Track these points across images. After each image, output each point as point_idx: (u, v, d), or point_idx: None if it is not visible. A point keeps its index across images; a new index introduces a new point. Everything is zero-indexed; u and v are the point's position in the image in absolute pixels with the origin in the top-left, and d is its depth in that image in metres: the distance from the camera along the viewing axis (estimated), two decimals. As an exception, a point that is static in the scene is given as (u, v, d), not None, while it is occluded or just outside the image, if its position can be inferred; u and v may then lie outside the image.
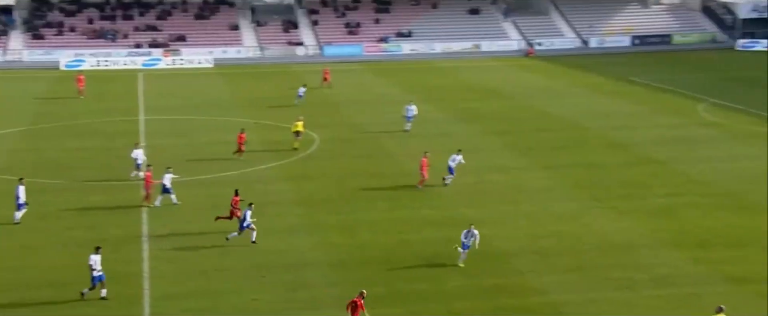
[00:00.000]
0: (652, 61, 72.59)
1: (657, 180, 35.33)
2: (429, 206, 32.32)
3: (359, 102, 55.35)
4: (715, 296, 23.61)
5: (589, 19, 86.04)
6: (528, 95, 56.81)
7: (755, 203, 31.90)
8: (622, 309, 23.05)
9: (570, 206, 31.95)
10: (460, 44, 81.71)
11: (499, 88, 60.39)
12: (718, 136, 43.41)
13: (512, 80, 63.97)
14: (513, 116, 49.76)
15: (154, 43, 78.80)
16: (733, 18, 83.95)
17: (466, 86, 61.48)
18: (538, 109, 51.81)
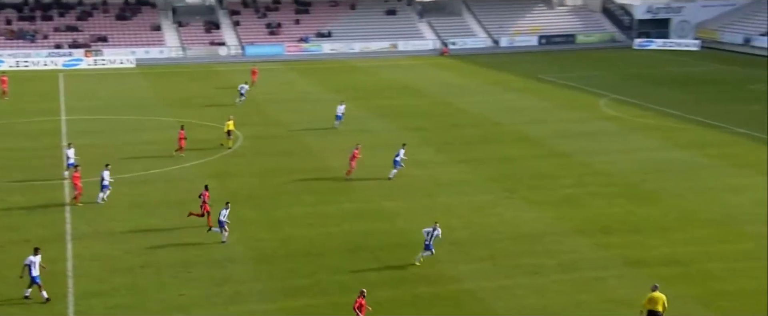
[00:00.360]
0: (557, 60, 74.25)
1: (563, 171, 36.14)
2: (350, 200, 32.31)
3: (281, 100, 54.89)
4: (616, 279, 24.36)
5: (499, 20, 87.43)
6: (443, 93, 57.36)
7: (650, 192, 33.00)
8: (533, 294, 23.53)
9: (484, 198, 32.41)
10: (377, 44, 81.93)
11: (416, 86, 60.81)
12: (617, 130, 44.69)
13: (428, 78, 64.51)
14: (429, 113, 50.17)
15: (75, 43, 76.35)
16: (630, 19, 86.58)
17: (384, 84, 61.68)
18: (453, 106, 52.37)
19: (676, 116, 47.75)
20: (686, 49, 79.71)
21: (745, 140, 41.58)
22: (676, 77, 63.09)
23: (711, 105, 50.96)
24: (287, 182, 34.89)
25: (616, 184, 34.04)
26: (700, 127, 44.76)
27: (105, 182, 31.64)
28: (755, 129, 43.72)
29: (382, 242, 27.75)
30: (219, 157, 39.35)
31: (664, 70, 66.60)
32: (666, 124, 45.76)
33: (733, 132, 43.47)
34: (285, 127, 46.19)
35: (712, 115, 47.51)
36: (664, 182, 34.12)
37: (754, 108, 49.88)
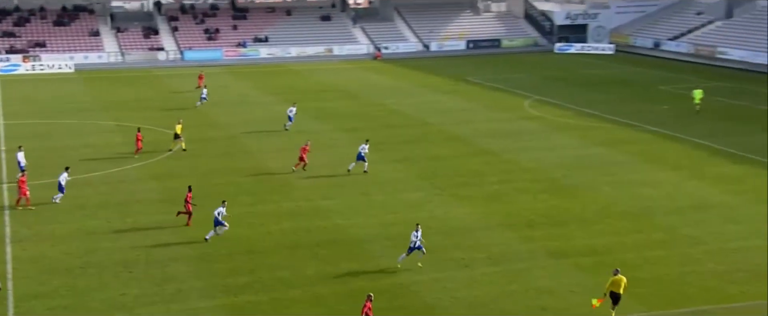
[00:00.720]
0: (484, 63, 75.20)
1: (490, 168, 36.62)
2: (288, 199, 32.10)
3: (220, 103, 54.17)
4: (540, 270, 24.81)
5: (429, 25, 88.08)
6: (376, 95, 57.50)
7: (571, 186, 33.71)
8: (464, 286, 23.78)
9: (417, 195, 32.60)
10: (313, 48, 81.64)
11: (350, 88, 60.81)
12: (540, 129, 45.51)
13: (362, 81, 64.58)
14: (363, 114, 50.22)
15: (12, 49, 73.82)
16: (550, 24, 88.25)
17: (320, 87, 61.49)
18: (386, 108, 52.54)
19: (594, 116, 48.90)
20: (602, 52, 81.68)
21: (656, 138, 42.86)
22: (593, 79, 64.64)
23: (625, 105, 52.35)
24: (226, 183, 34.46)
25: (540, 180, 34.66)
26: (615, 125, 45.93)
27: (62, 183, 31.09)
28: (665, 127, 45.11)
29: (320, 238, 27.66)
30: (159, 159, 38.61)
31: (582, 73, 68.16)
32: (584, 123, 46.82)
33: (646, 130, 44.76)
34: (224, 129, 45.60)
35: (626, 114, 48.80)
36: (584, 178, 34.90)
37: (664, 108, 51.45)
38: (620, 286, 21.37)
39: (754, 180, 34.24)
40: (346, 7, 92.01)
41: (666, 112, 49.68)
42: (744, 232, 27.81)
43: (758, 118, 47.77)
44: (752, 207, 30.55)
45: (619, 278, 21.46)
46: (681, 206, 30.73)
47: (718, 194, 32.23)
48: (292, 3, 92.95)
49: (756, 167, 36.35)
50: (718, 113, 49.13)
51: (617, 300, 21.45)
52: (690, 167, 36.53)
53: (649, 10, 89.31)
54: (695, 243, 26.83)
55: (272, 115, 50.15)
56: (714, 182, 34.02)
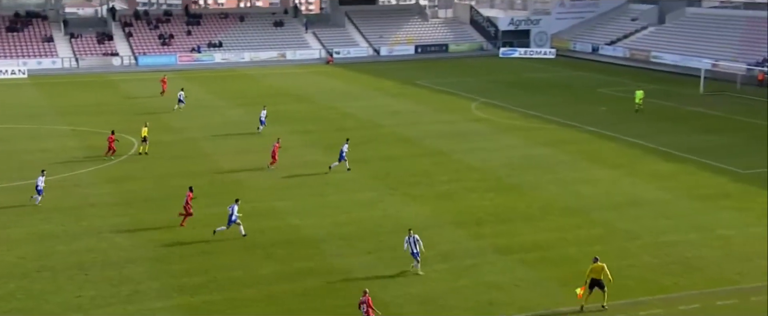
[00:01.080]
0: (432, 67, 75.59)
1: (440, 169, 36.78)
2: (242, 201, 31.68)
3: (172, 107, 53.36)
4: (489, 265, 25.00)
5: (378, 31, 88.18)
6: (329, 98, 57.31)
7: (516, 185, 34.06)
8: (415, 282, 23.81)
9: (369, 195, 32.56)
10: (266, 53, 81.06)
11: (303, 92, 60.51)
12: (487, 130, 45.91)
13: (315, 85, 64.33)
14: (316, 117, 50.01)
15: (-35, 54, 71.68)
16: (495, 30, 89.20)
17: (274, 91, 61.04)
18: (339, 111, 52.41)
19: (537, 117, 49.54)
20: (544, 57, 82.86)
21: (594, 138, 43.60)
22: (536, 82, 65.51)
23: (566, 107, 53.16)
24: (182, 185, 33.87)
25: (487, 179, 34.94)
26: (557, 126, 46.59)
27: (39, 186, 30.48)
28: (603, 128, 45.93)
29: (275, 238, 27.43)
30: (115, 163, 37.83)
31: (526, 76, 69.03)
32: (528, 124, 47.40)
33: (585, 130, 45.51)
34: (179, 133, 44.90)
35: (567, 115, 49.55)
36: (528, 176, 35.31)
37: (602, 109, 52.40)
38: (600, 273, 21.62)
39: (685, 177, 35.09)
40: (299, 13, 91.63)
41: (604, 114, 50.60)
42: (676, 226, 28.46)
43: (689, 118, 49.01)
44: (683, 203, 31.30)
45: (600, 265, 21.73)
46: (618, 203, 31.31)
47: (652, 191, 32.93)
48: (245, 9, 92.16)
49: (687, 164, 37.26)
50: (651, 114, 50.26)
51: (602, 286, 21.68)
52: (626, 165, 37.26)
53: (588, 16, 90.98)
54: (631, 237, 27.35)
55: (227, 118, 49.59)
56: (648, 179, 34.76)
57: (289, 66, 77.20)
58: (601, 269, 21.66)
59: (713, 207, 30.60)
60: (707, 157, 38.41)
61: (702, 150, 39.85)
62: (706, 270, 24.28)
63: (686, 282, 23.53)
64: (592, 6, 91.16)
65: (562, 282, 23.62)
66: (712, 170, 36.04)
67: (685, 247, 26.40)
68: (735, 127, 46.28)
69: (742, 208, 30.51)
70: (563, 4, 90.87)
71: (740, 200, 31.47)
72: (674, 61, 74.00)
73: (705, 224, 28.62)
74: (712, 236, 27.31)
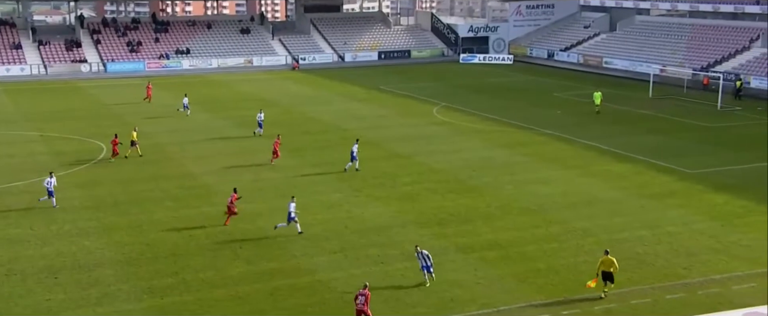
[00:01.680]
0: (395, 72, 75.73)
1: (403, 170, 36.86)
2: (210, 204, 31.45)
3: (143, 112, 52.69)
4: (450, 263, 25.12)
5: (343, 37, 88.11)
6: (295, 103, 57.09)
7: (477, 186, 34.28)
8: (379, 281, 23.81)
9: (335, 197, 32.50)
10: (234, 60, 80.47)
11: (270, 97, 60.19)
12: (448, 133, 46.13)
13: (281, 90, 64.03)
14: (283, 121, 49.76)
15: (-68, 61, 69.80)
16: (455, 36, 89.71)
17: (241, 97, 60.60)
18: (305, 115, 52.22)
19: (496, 120, 49.93)
20: (502, 62, 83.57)
21: (551, 140, 44.09)
22: (495, 87, 66.05)
23: (523, 110, 53.69)
24: (150, 189, 33.49)
25: (449, 180, 35.10)
26: (515, 129, 47.01)
27: (50, 187, 30.31)
28: (559, 130, 46.47)
29: (243, 240, 27.21)
30: (84, 167, 37.19)
31: (485, 81, 69.56)
32: (488, 127, 47.75)
33: (542, 133, 45.99)
34: (147, 138, 44.27)
35: (524, 118, 50.03)
36: (488, 178, 35.56)
37: (558, 112, 53.03)
38: (610, 265, 22.13)
39: (635, 177, 35.68)
40: (265, 21, 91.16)
41: (559, 117, 51.19)
42: (629, 223, 28.92)
43: (639, 121, 49.84)
44: (635, 201, 31.82)
45: (609, 258, 22.26)
46: (573, 202, 31.71)
47: (606, 190, 33.42)
48: (212, 17, 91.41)
49: (638, 165, 37.89)
50: (604, 117, 51.01)
51: (611, 278, 22.24)
52: (581, 166, 37.75)
53: (543, 23, 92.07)
54: (587, 235, 27.72)
55: (194, 123, 49.08)
56: (602, 179, 35.27)
57: (255, 72, 76.70)
58: (612, 262, 22.27)
59: (661, 205, 31.17)
60: (656, 157, 39.12)
61: (651, 151, 40.58)
62: (656, 265, 24.72)
63: (638, 277, 23.92)
64: (547, 14, 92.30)
65: (521, 279, 23.85)
66: (661, 170, 36.72)
67: (636, 243, 26.84)
68: (681, 129, 47.22)
69: (688, 205, 31.14)
70: (520, 12, 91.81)
71: (686, 198, 32.11)
72: (625, 67, 75.23)
73: (654, 221, 29.13)
74: (660, 233, 27.81)
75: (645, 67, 70.56)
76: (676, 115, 51.74)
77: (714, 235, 27.62)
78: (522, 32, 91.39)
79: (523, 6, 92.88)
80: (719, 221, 29.16)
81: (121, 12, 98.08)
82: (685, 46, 74.35)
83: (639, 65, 73.39)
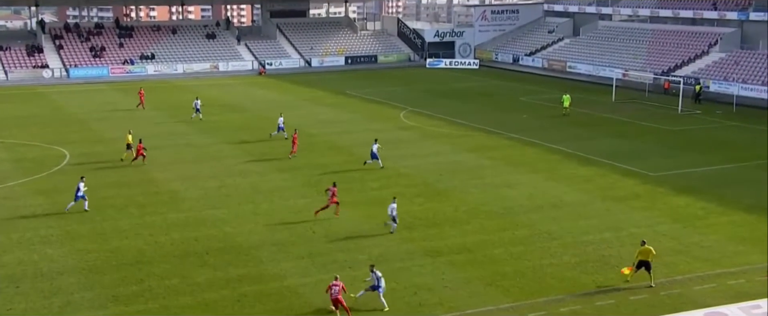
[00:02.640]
0: (362, 77, 75.76)
1: (371, 175, 36.83)
2: (176, 210, 31.07)
3: (107, 119, 51.93)
4: (418, 267, 25.15)
5: (310, 42, 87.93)
6: (262, 108, 56.76)
7: (444, 190, 34.40)
8: (347, 286, 23.67)
9: (302, 202, 32.33)
10: (199, 65, 79.78)
11: (237, 103, 59.74)
12: (415, 137, 46.24)
13: (247, 96, 63.60)
14: (249, 127, 49.42)
15: None
16: (422, 42, 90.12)
17: (207, 102, 60.02)
18: (272, 120, 51.90)
19: (462, 125, 50.19)
20: (468, 67, 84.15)
21: (517, 144, 44.45)
22: (461, 91, 66.44)
23: (489, 114, 54.07)
24: (114, 196, 32.97)
25: (416, 185, 35.17)
26: (481, 133, 47.30)
27: (80, 192, 30.33)
28: (525, 134, 46.87)
29: (209, 247, 26.94)
30: (45, 174, 36.48)
31: (452, 86, 69.94)
32: (454, 131, 47.98)
33: (508, 137, 46.34)
34: (112, 144, 43.63)
35: (490, 123, 50.38)
36: (455, 181, 35.71)
37: (523, 117, 53.51)
38: (649, 255, 23.14)
39: (600, 179, 36.14)
40: (231, 26, 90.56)
41: (525, 121, 51.66)
42: (594, 226, 29.26)
43: (602, 124, 50.54)
44: (600, 204, 32.22)
45: (647, 248, 23.30)
46: (539, 205, 31.99)
47: (571, 193, 33.79)
48: (177, 21, 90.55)
49: (602, 168, 38.39)
50: (569, 121, 51.62)
51: (649, 267, 23.24)
52: (546, 169, 38.13)
53: (508, 28, 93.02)
54: (553, 238, 27.97)
55: (160, 129, 48.49)
56: (567, 182, 35.65)
57: (221, 77, 76.11)
58: (649, 251, 23.20)
59: (625, 208, 31.61)
60: (620, 160, 39.68)
61: (615, 154, 41.15)
62: (620, 267, 25.03)
63: (603, 279, 24.20)
64: (512, 19, 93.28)
65: (488, 282, 23.96)
66: (624, 173, 37.24)
67: (601, 246, 27.16)
68: (644, 132, 47.98)
69: (651, 207, 31.62)
70: (485, 18, 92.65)
71: (648, 200, 32.61)
72: (588, 71, 76.30)
73: (619, 223, 29.52)
74: (624, 235, 28.19)
75: (608, 72, 71.60)
76: (639, 118, 52.57)
77: (676, 236, 28.09)
78: (487, 37, 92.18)
79: (489, 11, 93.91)
80: (681, 222, 29.65)
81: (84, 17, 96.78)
82: (647, 51, 75.69)
83: (602, 69, 74.47)
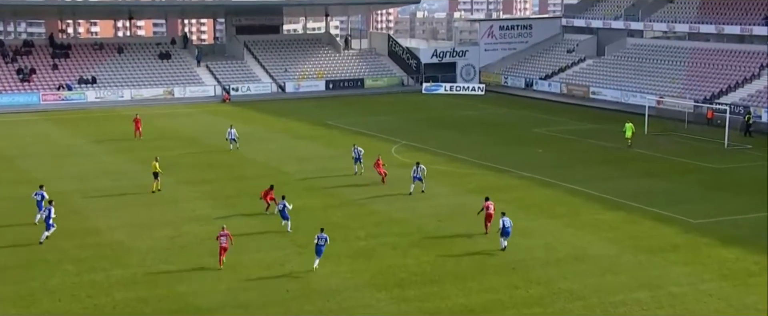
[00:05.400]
0: (346, 105, 76.15)
1: (357, 221, 36.81)
2: (120, 266, 30.85)
3: (36, 155, 51.87)
4: (414, 333, 24.99)
5: (283, 63, 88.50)
6: (225, 142, 56.81)
7: (444, 239, 34.29)
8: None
9: (274, 255, 32.21)
10: (151, 91, 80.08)
11: (196, 135, 59.81)
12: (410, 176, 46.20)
13: (209, 127, 63.72)
14: (212, 164, 49.42)
15: None
16: (417, 63, 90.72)
17: (161, 134, 60.08)
18: (239, 156, 51.96)
19: (465, 161, 50.39)
20: (472, 93, 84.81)
21: (531, 184, 44.60)
22: (464, 122, 66.83)
23: (497, 149, 54.34)
24: (45, 250, 32.72)
25: (411, 233, 35.15)
26: (488, 171, 47.47)
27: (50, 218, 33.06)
28: (539, 172, 47.04)
29: (160, 310, 26.69)
30: (-38, 222, 36.24)
31: (453, 115, 70.38)
32: (456, 169, 48.13)
33: (520, 176, 46.52)
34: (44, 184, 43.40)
35: (499, 159, 50.60)
36: (457, 229, 35.71)
37: (538, 151, 53.78)
38: None
39: (630, 227, 36.23)
40: (189, 44, 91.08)
41: (540, 157, 51.94)
42: (624, 284, 29.22)
43: (632, 161, 50.85)
44: (631, 256, 32.24)
45: None
46: (558, 257, 31.99)
47: (596, 243, 33.83)
48: (124, 39, 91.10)
49: (631, 212, 38.51)
50: (592, 157, 51.91)
51: None
52: (566, 214, 38.23)
53: (520, 47, 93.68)
54: (575, 298, 27.92)
55: (102, 167, 48.40)
56: (591, 230, 35.72)
57: (178, 105, 76.32)
58: None
59: (662, 261, 31.63)
60: (654, 204, 39.83)
61: (648, 197, 41.33)
62: (658, 332, 24.96)
63: (636, 346, 24.10)
64: (524, 36, 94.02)
65: (498, 351, 23.82)
66: (660, 219, 37.36)
67: (634, 307, 27.11)
68: (683, 170, 48.29)
69: (693, 262, 31.64)
70: (492, 34, 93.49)
71: (690, 253, 32.64)
72: (615, 98, 76.96)
73: (654, 280, 29.52)
74: (662, 295, 28.16)
75: (639, 99, 72.29)
76: (677, 154, 52.96)
77: (725, 297, 28.08)
78: (495, 57, 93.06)
79: (496, 27, 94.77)
80: (730, 280, 29.68)
81: (10, 33, 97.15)
82: (686, 74, 76.48)
83: (632, 96, 75.19)
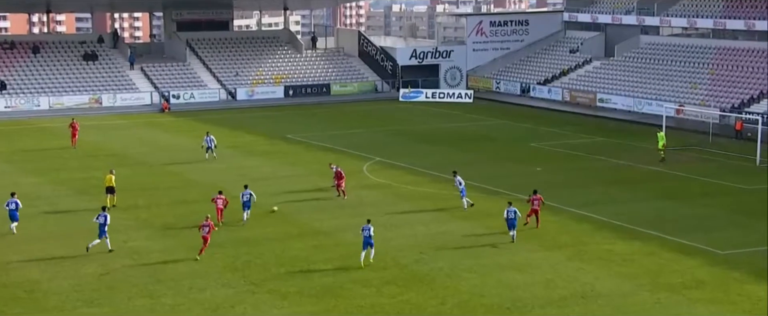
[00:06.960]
0: (309, 115, 76.16)
1: (321, 254, 36.72)
2: (36, 310, 30.53)
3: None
4: (391, 387, 24.94)
5: (234, 67, 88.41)
6: (165, 160, 56.63)
7: (425, 274, 34.26)
8: None
9: (222, 294, 32.06)
10: (74, 98, 79.82)
11: (128, 152, 59.51)
12: (384, 199, 46.31)
13: (144, 142, 63.45)
14: (148, 186, 49.20)
15: None
16: (393, 65, 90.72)
17: (84, 151, 59.70)
18: (180, 177, 51.76)
19: (450, 181, 50.43)
20: (458, 100, 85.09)
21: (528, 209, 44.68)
22: (449, 135, 67.06)
23: (488, 167, 54.47)
24: (-52, 288, 32.38)
25: (386, 267, 35.12)
26: (479, 193, 47.53)
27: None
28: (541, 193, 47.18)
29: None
30: None
31: (435, 127, 70.60)
32: (439, 191, 48.21)
33: (516, 198, 46.60)
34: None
35: (490, 179, 50.67)
36: (441, 262, 35.71)
37: (537, 170, 53.97)
38: None
39: (646, 260, 36.40)
40: (120, 42, 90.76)
41: (539, 176, 52.12)
42: (640, 325, 29.41)
43: (648, 181, 51.13)
44: (647, 294, 32.36)
45: None
46: (562, 296, 32.07)
47: (606, 279, 33.96)
48: (41, 36, 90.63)
49: (648, 242, 38.70)
50: (600, 176, 52.21)
51: None
52: (570, 244, 38.38)
53: (515, 46, 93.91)
54: (582, 342, 28.04)
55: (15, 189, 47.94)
56: (600, 263, 35.87)
57: (106, 115, 75.99)
58: None
59: (684, 300, 31.79)
60: (674, 232, 40.09)
61: (667, 223, 41.59)
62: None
63: None
64: (519, 33, 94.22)
65: None
66: (681, 250, 37.59)
67: (652, 353, 27.23)
68: (707, 192, 48.66)
69: (721, 300, 31.84)
70: (482, 32, 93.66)
71: (717, 290, 32.82)
72: (627, 106, 77.43)
73: (675, 321, 29.69)
74: (684, 338, 28.32)
75: (655, 107, 72.85)
76: (700, 173, 53.37)
77: (757, 339, 28.31)
78: (485, 59, 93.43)
79: (486, 23, 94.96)
80: (764, 319, 29.93)
81: None
82: (710, 78, 77.17)
83: (647, 104, 75.75)
